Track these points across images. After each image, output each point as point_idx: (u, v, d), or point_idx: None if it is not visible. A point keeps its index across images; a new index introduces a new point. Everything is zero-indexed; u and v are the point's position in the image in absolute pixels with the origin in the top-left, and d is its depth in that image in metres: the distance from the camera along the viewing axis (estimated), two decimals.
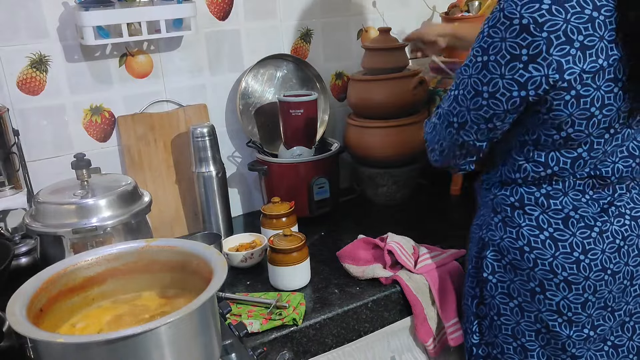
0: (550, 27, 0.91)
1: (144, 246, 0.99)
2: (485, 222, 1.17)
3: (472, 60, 1.01)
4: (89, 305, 0.96)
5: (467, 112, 1.04)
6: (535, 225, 1.09)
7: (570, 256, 1.06)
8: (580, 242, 1.06)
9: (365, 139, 1.70)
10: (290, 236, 1.29)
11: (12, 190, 1.34)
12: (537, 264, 1.08)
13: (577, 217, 1.07)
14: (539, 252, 1.08)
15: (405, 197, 1.76)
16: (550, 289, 1.08)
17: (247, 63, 1.68)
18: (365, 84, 1.68)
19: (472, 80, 1.01)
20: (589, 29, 0.92)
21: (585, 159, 1.03)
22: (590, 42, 0.92)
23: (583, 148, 1.02)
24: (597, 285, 1.06)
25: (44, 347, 0.78)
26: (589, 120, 0.97)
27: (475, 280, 1.19)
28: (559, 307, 1.08)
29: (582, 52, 0.92)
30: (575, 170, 1.05)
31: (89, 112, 1.51)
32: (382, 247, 1.34)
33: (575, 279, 1.06)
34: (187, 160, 1.59)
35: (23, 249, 1.32)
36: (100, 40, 1.40)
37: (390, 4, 1.88)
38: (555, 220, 1.08)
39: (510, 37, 0.93)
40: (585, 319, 1.08)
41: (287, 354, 1.12)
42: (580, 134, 0.99)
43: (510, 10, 0.93)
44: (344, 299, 1.25)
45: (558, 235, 1.07)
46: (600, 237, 1.06)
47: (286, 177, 1.60)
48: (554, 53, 0.92)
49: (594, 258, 1.06)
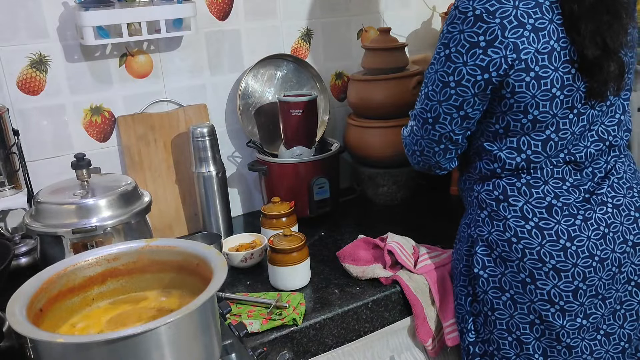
0: (502, 13, 1.00)
1: (144, 246, 0.99)
2: (473, 220, 1.20)
3: (436, 57, 1.09)
4: (89, 305, 0.96)
5: (439, 105, 1.10)
6: (520, 215, 1.12)
7: (556, 244, 1.09)
8: (566, 230, 1.09)
9: (365, 139, 1.70)
10: (290, 236, 1.29)
11: (12, 190, 1.34)
12: (525, 254, 1.10)
13: (559, 204, 1.10)
14: (526, 242, 1.10)
15: (406, 197, 1.76)
16: (540, 278, 1.10)
17: (247, 63, 1.68)
18: (365, 84, 1.68)
19: (438, 75, 1.08)
20: (538, 13, 1.01)
21: (555, 140, 1.08)
22: (540, 24, 1.01)
23: (550, 129, 1.07)
24: (586, 272, 1.08)
25: (44, 347, 0.78)
26: (552, 101, 1.04)
27: (467, 278, 1.21)
28: (551, 296, 1.10)
29: (535, 34, 1.01)
30: (549, 154, 1.09)
31: (89, 112, 1.51)
32: (382, 247, 1.34)
33: (563, 266, 1.08)
34: (187, 160, 1.59)
35: (23, 249, 1.33)
36: (100, 40, 1.40)
37: (390, 4, 1.88)
38: (539, 209, 1.11)
39: (467, 28, 1.02)
40: (578, 307, 1.10)
41: (287, 354, 1.12)
42: (546, 115, 1.05)
43: (463, 6, 1.02)
44: (344, 299, 1.25)
45: (543, 224, 1.10)
46: (585, 225, 1.09)
47: (286, 177, 1.60)
48: (509, 36, 1.00)
49: (581, 245, 1.08)
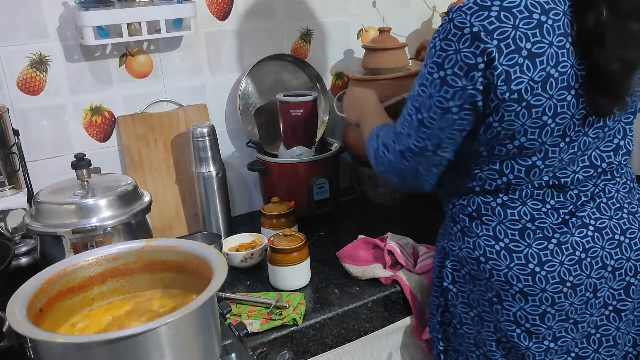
0: (500, 34, 0.90)
1: (144, 246, 0.99)
2: (447, 232, 1.16)
3: (428, 78, 0.97)
4: (89, 305, 0.96)
5: (440, 131, 0.99)
6: (491, 235, 1.07)
7: (525, 268, 1.03)
8: (536, 254, 1.03)
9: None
10: (290, 236, 1.29)
11: (12, 190, 1.34)
12: (492, 274, 1.06)
13: (533, 228, 1.04)
14: (494, 262, 1.06)
15: (405, 197, 1.76)
16: (507, 300, 1.06)
17: (247, 63, 1.68)
18: (365, 84, 1.68)
19: (434, 100, 0.97)
20: (537, 35, 0.90)
21: (540, 167, 1.01)
22: (538, 49, 0.91)
23: (537, 156, 1.00)
24: (555, 297, 1.03)
25: (44, 347, 0.78)
26: (542, 129, 0.96)
27: (439, 289, 1.19)
28: (517, 318, 1.06)
29: (531, 61, 0.91)
30: (532, 179, 1.03)
31: (89, 112, 1.51)
32: (382, 247, 1.34)
33: (531, 290, 1.03)
34: (187, 160, 1.59)
35: (23, 249, 1.33)
36: (100, 40, 1.40)
37: (390, 4, 1.88)
38: (512, 231, 1.05)
39: (464, 48, 0.91)
40: (545, 330, 1.05)
41: (287, 354, 1.12)
42: (534, 143, 0.97)
43: (459, 20, 0.91)
44: (344, 299, 1.25)
45: (513, 246, 1.05)
46: (558, 249, 1.03)
47: (286, 177, 1.60)
48: (503, 62, 0.90)
49: (551, 270, 1.03)
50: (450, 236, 1.15)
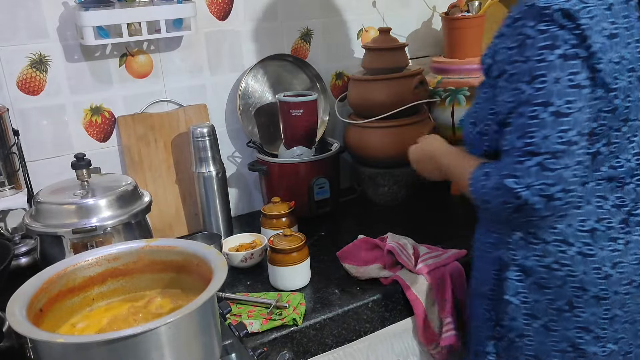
0: (588, 13, 0.92)
1: (144, 246, 0.99)
2: (502, 241, 1.09)
3: (543, 65, 0.92)
4: (89, 305, 0.96)
5: (580, 113, 0.93)
6: (561, 240, 1.02)
7: (600, 271, 1.01)
8: (608, 256, 1.01)
9: (365, 139, 1.69)
10: (290, 236, 1.29)
11: (12, 190, 1.34)
12: (566, 281, 1.02)
13: (602, 228, 1.02)
14: (569, 269, 1.02)
15: (406, 197, 1.76)
16: (579, 306, 1.03)
17: (247, 63, 1.68)
18: (365, 84, 1.68)
19: (563, 82, 0.92)
20: (615, 17, 0.94)
21: (605, 153, 1.00)
22: (616, 29, 0.94)
23: (602, 142, 0.99)
24: (625, 299, 1.02)
25: (44, 347, 0.78)
26: (613, 113, 0.97)
27: (492, 302, 1.12)
28: (587, 324, 1.03)
29: (611, 42, 0.93)
30: (593, 168, 1.00)
31: (89, 112, 1.51)
32: (382, 247, 1.34)
33: (605, 294, 1.01)
34: (187, 160, 1.59)
35: (23, 249, 1.33)
36: (100, 40, 1.40)
37: (390, 4, 1.88)
38: (582, 233, 1.01)
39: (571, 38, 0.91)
40: (611, 333, 1.04)
41: (287, 354, 1.12)
42: (602, 128, 0.97)
43: (571, 8, 0.91)
44: (344, 299, 1.25)
45: (587, 250, 1.01)
46: (626, 249, 1.02)
47: (286, 177, 1.60)
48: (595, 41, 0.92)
49: (622, 272, 1.01)
50: (507, 245, 1.07)
